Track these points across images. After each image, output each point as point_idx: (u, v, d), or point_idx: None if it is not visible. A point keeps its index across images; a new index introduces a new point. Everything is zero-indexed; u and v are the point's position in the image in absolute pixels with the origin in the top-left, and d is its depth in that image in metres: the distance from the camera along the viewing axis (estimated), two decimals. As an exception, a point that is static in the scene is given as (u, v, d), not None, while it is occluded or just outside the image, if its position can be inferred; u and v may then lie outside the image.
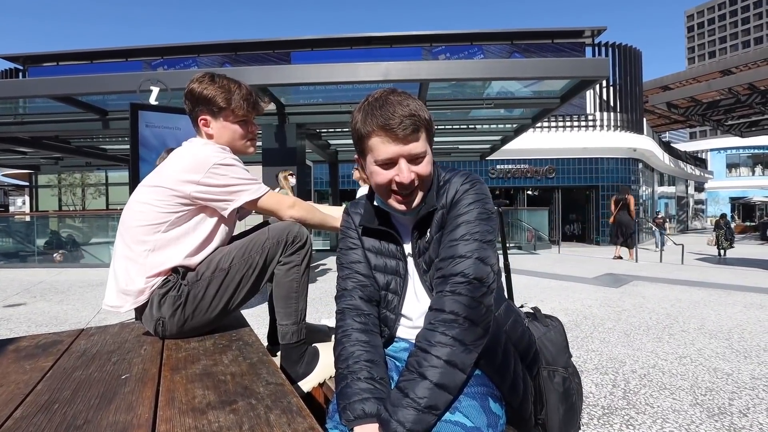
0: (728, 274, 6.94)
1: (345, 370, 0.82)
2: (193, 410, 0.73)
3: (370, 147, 0.85)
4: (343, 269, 0.98)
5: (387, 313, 0.95)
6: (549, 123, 17.19)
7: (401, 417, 0.70)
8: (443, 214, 0.89)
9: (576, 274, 6.79)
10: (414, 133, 0.82)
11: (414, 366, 0.75)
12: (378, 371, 0.81)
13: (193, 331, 1.16)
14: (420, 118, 0.83)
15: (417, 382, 0.72)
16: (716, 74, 14.52)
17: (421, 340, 0.78)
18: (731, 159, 35.13)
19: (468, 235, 0.83)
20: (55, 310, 4.28)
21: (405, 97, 0.84)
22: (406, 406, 0.71)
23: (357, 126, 0.86)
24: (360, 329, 0.88)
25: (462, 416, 0.74)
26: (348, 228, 1.02)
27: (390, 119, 0.80)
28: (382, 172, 0.85)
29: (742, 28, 78.94)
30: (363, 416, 0.73)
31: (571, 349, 1.07)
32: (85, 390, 0.83)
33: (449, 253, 0.83)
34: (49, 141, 9.19)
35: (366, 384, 0.78)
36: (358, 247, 0.99)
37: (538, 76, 5.75)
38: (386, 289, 0.95)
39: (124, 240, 1.14)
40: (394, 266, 0.95)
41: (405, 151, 0.83)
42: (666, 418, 1.92)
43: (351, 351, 0.84)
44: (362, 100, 0.88)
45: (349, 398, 0.76)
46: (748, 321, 3.65)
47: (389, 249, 0.96)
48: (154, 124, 3.74)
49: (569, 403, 1.02)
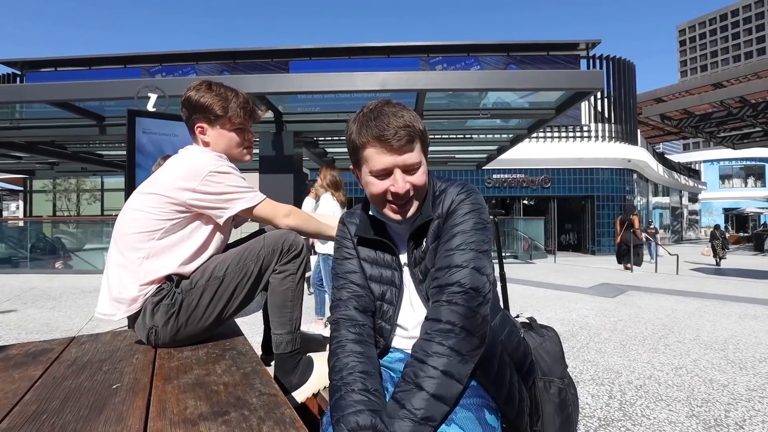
0: (723, 284, 6.98)
1: (339, 381, 0.80)
2: (184, 421, 0.72)
3: (366, 157, 0.86)
4: (338, 279, 0.98)
5: (382, 323, 0.95)
6: (545, 133, 17.36)
7: (397, 429, 0.69)
8: (439, 224, 0.90)
9: (572, 283, 6.80)
10: (408, 143, 0.83)
11: (410, 377, 0.74)
12: (372, 383, 0.80)
13: (187, 339, 1.14)
14: (414, 129, 0.84)
15: (413, 393, 0.72)
16: (708, 87, 14.76)
17: (418, 350, 0.78)
18: (724, 170, 35.57)
19: (464, 245, 0.84)
20: (47, 317, 4.22)
21: (399, 108, 0.85)
22: (403, 418, 0.70)
23: (352, 137, 0.87)
24: (355, 340, 0.87)
25: (458, 428, 0.73)
26: (343, 238, 1.02)
27: (385, 130, 0.81)
28: (377, 182, 0.86)
29: (732, 43, 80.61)
30: (357, 429, 0.72)
31: (567, 359, 1.07)
32: (74, 400, 0.81)
33: (445, 263, 0.84)
34: (45, 146, 9.15)
35: (360, 396, 0.76)
36: (354, 257, 0.99)
37: (534, 88, 5.83)
38: (381, 299, 0.95)
39: (117, 247, 1.13)
40: (390, 276, 0.95)
41: (400, 162, 0.84)
42: (662, 430, 1.91)
43: (345, 362, 0.83)
44: (357, 112, 0.89)
45: (343, 410, 0.75)
46: (744, 332, 3.66)
47: (385, 259, 0.96)
48: (151, 131, 3.74)
49: (565, 414, 1.01)
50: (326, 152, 10.61)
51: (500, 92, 6.32)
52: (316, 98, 6.81)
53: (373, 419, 0.73)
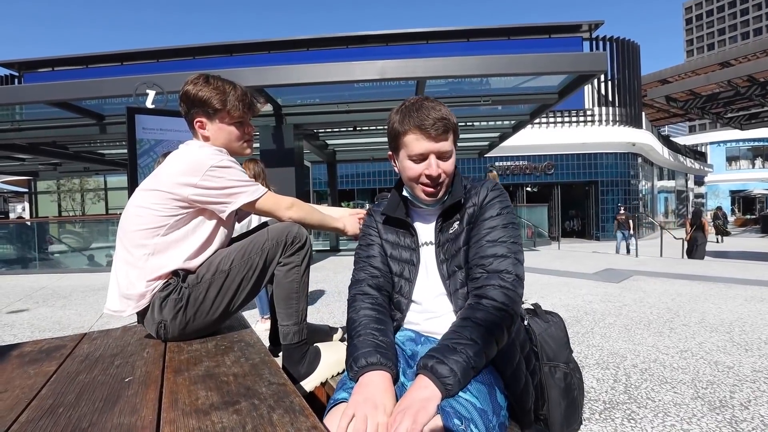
0: (729, 267, 6.95)
1: (353, 332, 0.91)
2: (196, 411, 0.73)
3: (405, 143, 0.96)
4: (359, 262, 1.08)
5: (400, 298, 1.04)
6: (547, 119, 17.17)
7: (454, 366, 0.76)
8: (474, 211, 0.99)
9: (576, 269, 6.80)
10: (444, 133, 0.95)
11: (465, 332, 0.82)
12: (384, 335, 0.90)
13: (195, 333, 1.16)
14: (450, 121, 0.95)
15: (469, 345, 0.80)
16: (715, 66, 14.50)
17: (471, 316, 0.86)
18: (731, 152, 35.10)
19: (505, 237, 0.95)
20: (58, 315, 4.29)
21: (437, 103, 0.96)
22: (458, 360, 0.77)
23: (394, 126, 0.98)
24: (370, 308, 0.97)
25: (472, 396, 0.77)
26: (368, 226, 1.13)
27: (425, 120, 0.92)
28: (414, 166, 0.96)
29: (741, 20, 78.76)
30: (366, 365, 0.81)
31: (572, 344, 1.09)
32: (89, 393, 0.83)
33: (491, 251, 0.93)
34: (47, 147, 9.19)
35: (371, 341, 0.86)
36: (375, 243, 1.09)
37: (536, 72, 5.76)
38: (400, 276, 1.04)
39: (123, 245, 1.14)
40: (408, 257, 1.04)
41: (435, 148, 0.94)
42: (667, 412, 1.92)
43: (360, 320, 0.94)
44: (399, 105, 1.00)
45: (355, 352, 0.85)
46: (749, 314, 3.66)
47: (405, 241, 1.05)
48: (151, 128, 3.74)
49: (570, 398, 1.03)
50: (327, 144, 10.57)
51: (502, 77, 6.24)
52: (315, 89, 6.76)
53: (380, 357, 0.82)
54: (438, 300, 0.99)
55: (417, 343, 1.00)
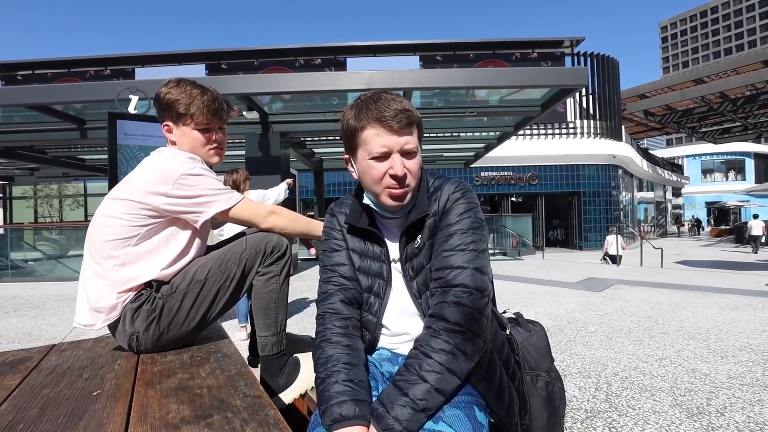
0: (705, 276, 7.16)
1: (323, 373, 0.81)
2: (166, 426, 0.71)
3: (364, 140, 0.85)
4: (325, 271, 0.96)
5: (369, 316, 0.94)
6: (531, 131, 17.56)
7: (398, 414, 0.71)
8: (435, 221, 0.89)
9: (560, 279, 6.90)
10: (408, 126, 0.84)
11: (414, 368, 0.76)
12: (357, 374, 0.81)
13: (170, 344, 1.12)
14: (413, 114, 0.85)
15: (417, 384, 0.74)
16: (690, 83, 15.11)
17: (424, 344, 0.79)
18: (706, 165, 36.47)
19: (463, 245, 0.84)
20: (29, 325, 4.11)
21: (397, 96, 0.87)
22: (404, 405, 0.72)
23: (349, 122, 0.87)
24: (340, 333, 0.87)
25: (446, 425, 0.74)
26: (332, 229, 1.01)
27: (385, 111, 0.82)
28: (376, 165, 0.85)
29: (713, 39, 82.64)
30: (340, 419, 0.73)
31: (554, 353, 1.09)
32: (53, 408, 0.79)
33: (446, 263, 0.84)
34: (24, 151, 8.91)
35: (344, 386, 0.77)
36: (343, 248, 0.97)
37: (520, 85, 5.89)
38: (369, 291, 0.94)
39: (92, 255, 1.09)
40: (378, 269, 0.94)
41: (399, 144, 0.84)
42: (647, 420, 1.95)
43: (330, 354, 0.83)
44: (353, 101, 0.89)
45: (328, 401, 0.75)
46: (725, 322, 3.76)
47: (374, 251, 0.95)
48: (133, 133, 3.67)
49: (552, 407, 1.02)
50: (314, 153, 10.56)
51: (487, 90, 6.38)
52: (302, 98, 6.77)
53: (356, 409, 0.74)
54: (412, 321, 0.92)
55: (394, 364, 0.94)
